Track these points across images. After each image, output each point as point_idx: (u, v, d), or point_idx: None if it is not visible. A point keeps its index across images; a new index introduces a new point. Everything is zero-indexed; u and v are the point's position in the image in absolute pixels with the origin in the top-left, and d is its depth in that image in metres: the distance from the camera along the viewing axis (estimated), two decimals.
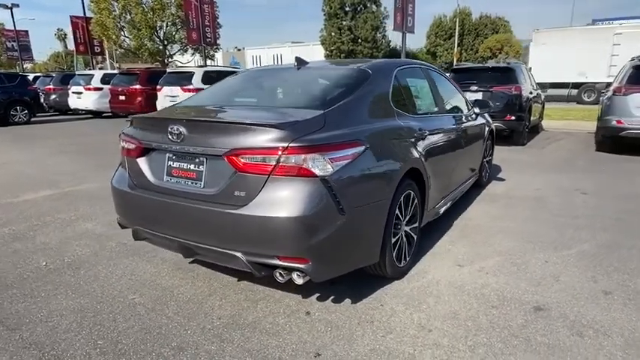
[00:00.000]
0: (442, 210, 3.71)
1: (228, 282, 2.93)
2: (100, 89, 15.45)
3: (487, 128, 5.14)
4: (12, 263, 3.27)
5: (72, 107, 16.39)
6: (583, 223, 4.05)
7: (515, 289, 2.78)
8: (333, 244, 2.27)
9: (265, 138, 2.17)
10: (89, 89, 15.49)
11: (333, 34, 43.51)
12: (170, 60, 27.35)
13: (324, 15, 43.99)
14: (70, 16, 25.90)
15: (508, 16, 41.80)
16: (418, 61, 4.01)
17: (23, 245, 3.64)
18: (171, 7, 24.14)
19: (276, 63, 58.27)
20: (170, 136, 2.41)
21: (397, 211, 2.76)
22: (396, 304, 2.62)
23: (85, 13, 25.21)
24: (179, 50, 27.74)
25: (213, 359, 2.12)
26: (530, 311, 2.52)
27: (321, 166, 2.16)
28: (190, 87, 12.56)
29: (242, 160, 2.20)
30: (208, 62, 25.60)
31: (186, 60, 28.73)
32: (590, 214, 4.29)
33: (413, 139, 2.99)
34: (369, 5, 42.25)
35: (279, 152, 2.13)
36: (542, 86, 19.24)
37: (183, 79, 12.87)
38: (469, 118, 4.48)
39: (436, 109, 3.76)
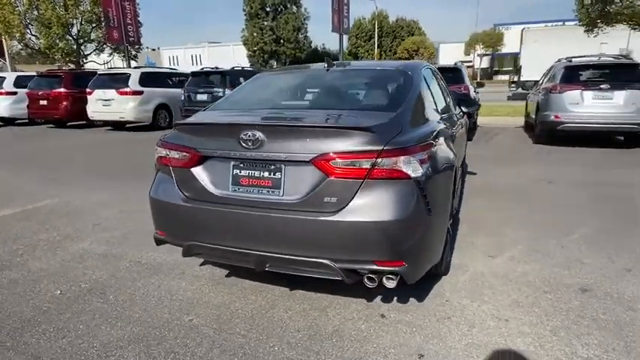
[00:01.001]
0: (457, 205, 3.89)
1: (281, 293, 2.81)
2: (14, 94, 13.73)
3: (467, 125, 5.47)
4: (18, 295, 2.82)
5: None
6: (568, 210, 4.50)
7: (553, 274, 3.02)
8: (423, 244, 2.29)
9: (359, 141, 2.13)
10: (0, 94, 13.67)
11: (255, 34, 43.08)
12: (85, 61, 25.06)
13: (245, 15, 43.41)
14: None
15: (419, 18, 44.61)
16: (426, 62, 4.16)
17: (18, 274, 3.15)
18: (86, 3, 22.10)
19: (195, 64, 56.28)
20: (243, 143, 2.25)
21: None
22: (460, 299, 2.71)
23: None
24: (95, 50, 25.54)
25: None
26: (578, 293, 2.76)
27: (412, 167, 2.17)
28: (127, 89, 11.69)
29: (334, 165, 2.13)
30: (127, 63, 23.93)
31: (103, 60, 26.58)
32: (568, 202, 4.78)
33: (449, 138, 3.11)
34: (289, 6, 42.53)
35: (376, 155, 2.10)
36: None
37: (118, 81, 11.90)
38: (458, 116, 4.74)
39: (446, 108, 3.93)
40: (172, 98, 12.36)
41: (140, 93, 11.72)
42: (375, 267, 2.18)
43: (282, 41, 40.93)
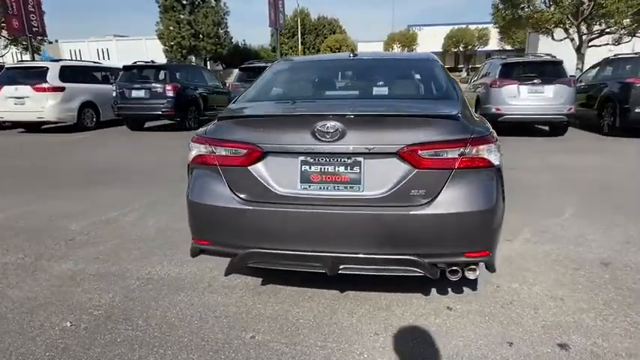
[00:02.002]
0: None
1: (332, 296, 2.63)
2: None
3: None
4: (16, 333, 2.29)
5: None
6: (545, 193, 4.86)
7: (570, 252, 3.22)
8: (499, 231, 2.27)
9: (446, 130, 2.05)
10: None
11: (171, 28, 40.62)
12: None
13: (160, 7, 40.78)
14: None
15: (339, 17, 45.56)
16: None
17: (0, 307, 2.57)
18: None
19: (101, 59, 51.55)
20: (319, 136, 2.04)
21: None
22: (508, 283, 2.76)
23: None
24: None
25: None
26: (602, 267, 2.97)
27: (494, 155, 2.14)
28: (45, 85, 10.32)
29: (423, 156, 2.02)
30: (26, 56, 21.25)
31: None
32: (540, 186, 5.17)
33: None
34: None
35: (464, 144, 2.04)
36: None
37: (32, 75, 10.42)
38: None
39: None
40: (100, 95, 11.16)
41: (61, 89, 10.38)
42: (464, 259, 2.12)
43: (201, 36, 39.09)
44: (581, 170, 5.96)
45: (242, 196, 2.20)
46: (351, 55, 3.12)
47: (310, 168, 2.13)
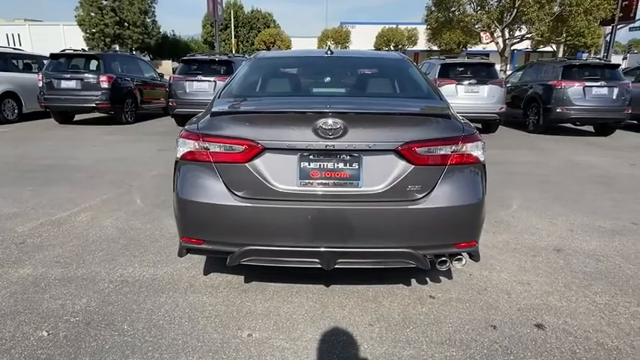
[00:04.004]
0: None
1: (319, 290, 2.67)
2: None
3: None
4: None
5: None
6: (491, 186, 5.23)
7: (526, 240, 3.54)
8: (482, 223, 2.44)
9: (441, 128, 2.17)
10: None
11: (93, 14, 37.81)
12: None
13: None
14: None
15: (273, 12, 45.02)
16: None
17: None
18: None
19: (11, 44, 46.52)
20: (321, 133, 2.06)
21: None
22: (479, 271, 2.98)
23: None
24: None
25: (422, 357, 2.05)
26: (555, 253, 3.30)
27: (481, 152, 2.30)
28: None
29: (420, 153, 2.12)
30: None
31: None
32: (493, 179, 5.56)
33: None
34: None
35: (457, 141, 2.17)
36: None
37: None
38: None
39: None
40: (21, 85, 10.11)
41: None
42: (454, 250, 2.26)
43: (126, 24, 36.77)
44: (517, 165, 6.52)
45: (240, 193, 2.16)
46: (328, 52, 3.15)
47: (310, 164, 2.14)
